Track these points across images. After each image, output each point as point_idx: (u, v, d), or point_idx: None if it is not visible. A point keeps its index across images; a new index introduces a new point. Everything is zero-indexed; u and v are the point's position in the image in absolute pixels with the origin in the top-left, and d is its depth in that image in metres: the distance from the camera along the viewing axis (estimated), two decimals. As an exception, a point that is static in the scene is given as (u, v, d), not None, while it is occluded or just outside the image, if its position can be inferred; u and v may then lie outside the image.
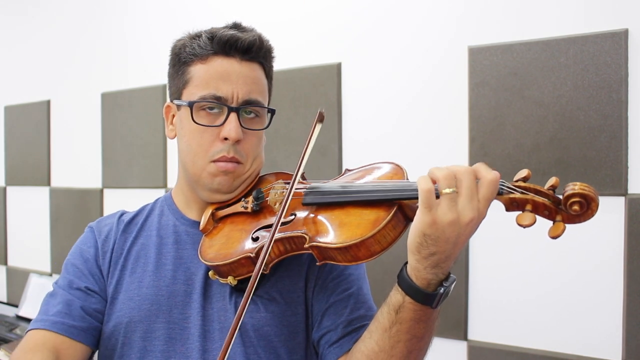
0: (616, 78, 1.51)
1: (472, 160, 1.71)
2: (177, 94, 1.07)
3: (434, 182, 0.78)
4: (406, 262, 0.84)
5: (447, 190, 0.76)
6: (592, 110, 1.55)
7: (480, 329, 1.73)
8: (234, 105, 1.01)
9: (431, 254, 0.79)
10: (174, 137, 1.11)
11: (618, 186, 1.52)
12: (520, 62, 1.64)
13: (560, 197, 0.78)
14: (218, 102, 1.00)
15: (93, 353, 1.05)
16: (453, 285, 0.83)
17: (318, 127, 0.94)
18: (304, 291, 1.04)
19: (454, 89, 1.76)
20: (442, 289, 0.81)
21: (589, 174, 1.55)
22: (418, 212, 0.78)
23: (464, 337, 1.75)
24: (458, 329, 1.74)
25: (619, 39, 1.51)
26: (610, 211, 1.52)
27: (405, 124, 1.86)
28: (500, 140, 1.67)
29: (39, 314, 1.04)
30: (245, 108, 1.02)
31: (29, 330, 1.01)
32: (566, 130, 1.58)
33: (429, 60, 1.82)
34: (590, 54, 1.54)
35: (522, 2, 1.66)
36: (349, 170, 1.03)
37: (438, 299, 0.82)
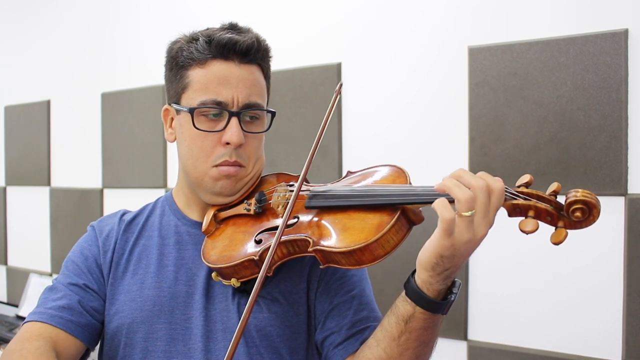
0: (616, 78, 1.51)
1: (472, 160, 1.71)
2: (175, 97, 1.06)
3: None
4: (412, 272, 0.85)
5: (467, 214, 0.76)
6: (592, 110, 1.55)
7: (480, 329, 1.73)
8: (234, 109, 1.00)
9: (445, 269, 0.80)
10: (174, 141, 1.10)
11: (618, 186, 1.52)
12: (520, 62, 1.64)
13: (563, 202, 0.78)
14: (219, 107, 1.00)
15: (87, 352, 1.04)
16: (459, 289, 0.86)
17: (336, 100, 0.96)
18: (306, 292, 1.04)
19: (453, 88, 1.76)
20: (453, 296, 0.84)
21: (589, 174, 1.55)
22: (436, 235, 0.79)
23: (464, 337, 1.75)
24: (458, 329, 1.75)
25: (619, 39, 1.51)
26: (610, 211, 1.52)
27: (406, 125, 1.86)
28: (500, 140, 1.67)
29: (36, 307, 1.03)
30: (246, 112, 1.02)
31: (25, 322, 1.00)
32: (566, 130, 1.58)
33: (428, 60, 1.82)
34: (590, 54, 1.54)
35: (522, 2, 1.66)
36: (352, 173, 1.04)
37: (449, 306, 0.84)
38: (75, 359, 1.00)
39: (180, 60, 1.03)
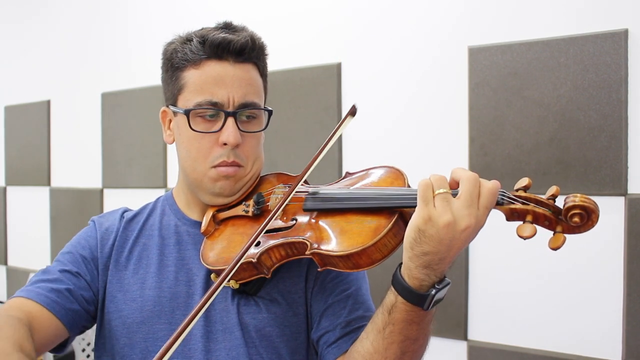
0: (616, 78, 1.51)
1: (472, 160, 1.71)
2: (172, 99, 1.05)
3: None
4: (401, 263, 0.85)
5: (440, 191, 0.79)
6: (592, 110, 1.55)
7: (480, 329, 1.73)
8: (230, 109, 1.00)
9: (424, 252, 0.79)
10: (172, 142, 1.10)
11: (618, 186, 1.52)
12: (520, 62, 1.64)
13: (561, 207, 0.78)
14: (214, 108, 1.00)
15: (68, 339, 1.02)
16: (446, 289, 0.83)
17: (348, 120, 0.98)
18: (304, 292, 1.04)
19: (453, 89, 1.76)
20: (434, 290, 0.81)
21: (589, 174, 1.55)
22: (417, 207, 0.80)
23: (464, 337, 1.75)
24: (458, 329, 1.75)
25: (619, 39, 1.51)
26: (610, 211, 1.52)
27: (405, 124, 1.86)
28: (500, 140, 1.67)
29: (26, 285, 1.02)
30: (242, 111, 1.01)
31: (11, 298, 1.00)
32: (566, 130, 1.58)
33: (428, 60, 1.82)
34: (590, 54, 1.54)
35: (522, 2, 1.66)
36: (350, 174, 1.03)
37: (429, 301, 0.82)
38: (52, 339, 0.98)
39: (175, 61, 1.03)
